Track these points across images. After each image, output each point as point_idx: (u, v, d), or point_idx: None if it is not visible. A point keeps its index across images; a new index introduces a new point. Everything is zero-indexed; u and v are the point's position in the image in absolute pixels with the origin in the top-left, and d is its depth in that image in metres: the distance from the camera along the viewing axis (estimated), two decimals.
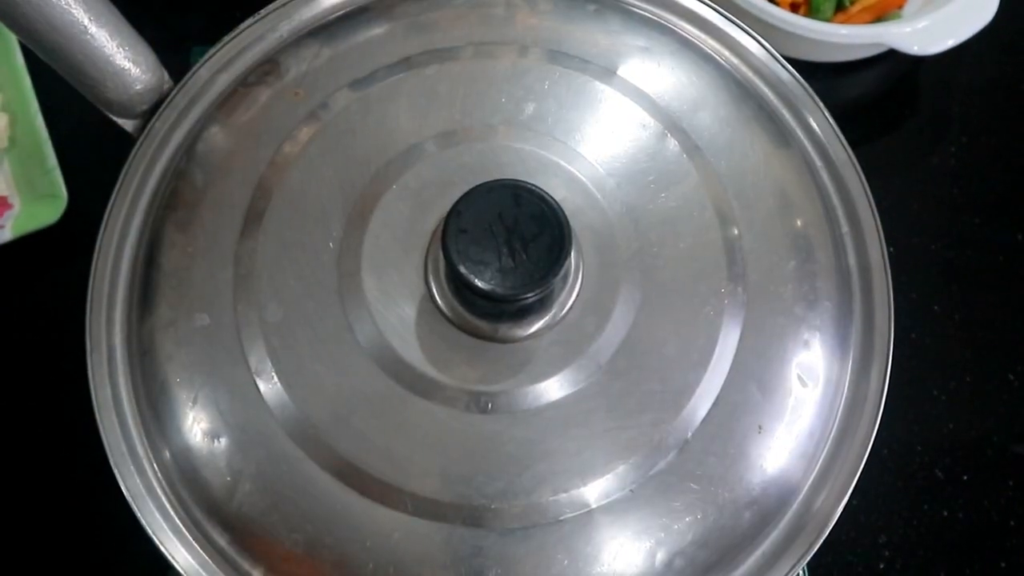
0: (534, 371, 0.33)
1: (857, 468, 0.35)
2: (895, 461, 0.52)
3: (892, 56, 0.59)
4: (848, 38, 0.56)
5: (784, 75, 0.40)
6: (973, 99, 0.61)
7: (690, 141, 0.36)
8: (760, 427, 0.34)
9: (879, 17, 0.60)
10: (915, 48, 0.55)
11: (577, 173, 0.35)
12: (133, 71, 0.37)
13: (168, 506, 0.34)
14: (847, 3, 0.60)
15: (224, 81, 0.39)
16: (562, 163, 0.35)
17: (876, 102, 0.61)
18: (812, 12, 0.59)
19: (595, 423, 0.33)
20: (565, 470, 0.32)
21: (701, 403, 0.33)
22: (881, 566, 0.50)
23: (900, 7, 0.61)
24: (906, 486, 0.52)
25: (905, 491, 0.51)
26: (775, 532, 0.34)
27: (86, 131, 0.51)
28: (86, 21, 0.35)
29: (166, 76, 0.39)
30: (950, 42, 0.55)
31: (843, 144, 0.39)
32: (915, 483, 0.52)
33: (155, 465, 0.35)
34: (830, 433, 0.35)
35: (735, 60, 0.40)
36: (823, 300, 0.36)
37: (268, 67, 0.38)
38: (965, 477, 0.52)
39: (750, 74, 0.40)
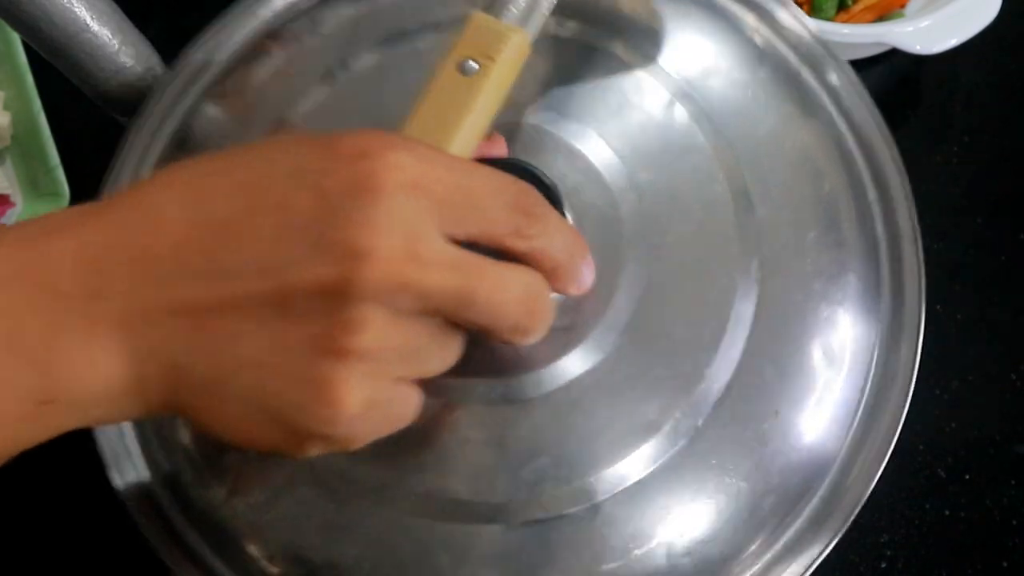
0: (535, 358, 0.32)
1: (886, 450, 0.33)
2: (897, 460, 0.51)
3: (894, 55, 0.59)
4: (850, 37, 0.56)
5: (804, 34, 0.37)
6: (975, 98, 0.61)
7: (699, 108, 0.35)
8: (777, 412, 0.32)
9: (881, 16, 0.60)
10: (917, 47, 0.54)
11: (578, 147, 0.34)
12: (135, 68, 0.37)
13: (164, 506, 0.34)
14: (849, 2, 0.60)
15: (220, 62, 0.39)
16: (562, 136, 0.34)
17: (878, 101, 0.61)
18: (814, 11, 0.59)
19: (599, 412, 0.31)
20: (570, 462, 0.31)
21: (713, 388, 0.32)
22: (883, 565, 0.50)
23: (902, 6, 0.60)
24: (908, 485, 0.51)
25: (907, 490, 0.51)
26: (797, 521, 0.32)
27: (88, 129, 0.51)
28: (88, 19, 0.35)
29: None
30: (953, 41, 0.54)
31: (868, 106, 0.36)
32: (917, 482, 0.51)
33: (149, 465, 0.34)
34: (856, 415, 0.33)
35: (750, 20, 0.37)
36: (847, 272, 0.34)
37: (266, 44, 0.38)
38: (967, 477, 0.51)
39: (768, 34, 0.37)
